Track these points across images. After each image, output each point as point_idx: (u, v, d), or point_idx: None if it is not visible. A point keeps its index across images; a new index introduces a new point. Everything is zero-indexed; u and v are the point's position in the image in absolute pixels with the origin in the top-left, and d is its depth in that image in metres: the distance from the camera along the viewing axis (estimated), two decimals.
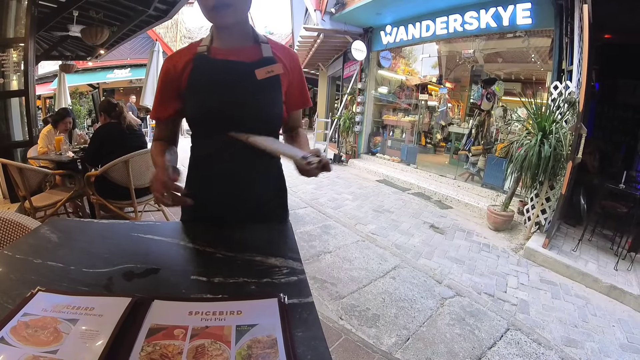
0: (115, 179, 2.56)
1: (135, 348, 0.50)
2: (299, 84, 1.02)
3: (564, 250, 3.15)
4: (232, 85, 0.90)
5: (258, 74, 0.90)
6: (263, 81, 0.91)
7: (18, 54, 3.89)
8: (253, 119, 0.90)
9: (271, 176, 1.06)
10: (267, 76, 0.91)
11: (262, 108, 0.92)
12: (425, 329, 2.06)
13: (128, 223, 1.02)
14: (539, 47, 4.99)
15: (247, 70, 0.90)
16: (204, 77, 0.91)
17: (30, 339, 0.50)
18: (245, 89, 0.90)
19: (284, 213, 1.14)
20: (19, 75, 3.94)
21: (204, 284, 0.68)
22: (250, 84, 0.90)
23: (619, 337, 2.14)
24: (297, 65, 1.01)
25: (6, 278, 0.67)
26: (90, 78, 11.69)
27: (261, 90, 0.91)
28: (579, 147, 3.08)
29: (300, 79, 1.02)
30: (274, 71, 0.92)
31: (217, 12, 0.84)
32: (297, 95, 1.02)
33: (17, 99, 4.04)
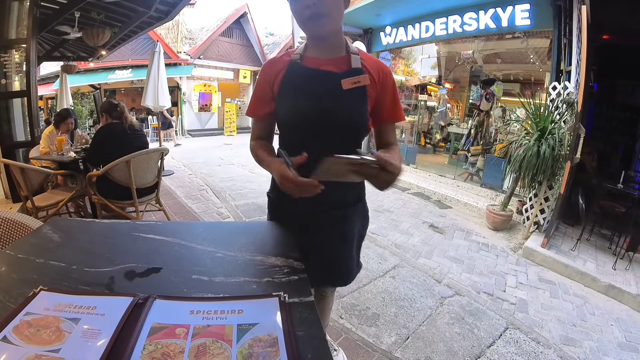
0: (116, 178, 2.57)
1: (137, 347, 0.50)
2: (390, 98, 1.01)
3: (562, 250, 3.16)
4: (318, 94, 0.93)
5: (344, 83, 0.92)
6: (348, 91, 0.92)
7: (20, 55, 3.90)
8: (335, 126, 0.93)
9: (351, 184, 1.01)
10: (352, 86, 0.92)
11: (344, 116, 0.93)
12: (424, 327, 2.07)
13: (129, 223, 1.02)
14: (538, 48, 5.00)
15: (335, 80, 0.93)
16: (294, 84, 0.95)
17: (33, 338, 0.51)
18: (330, 97, 0.92)
19: (364, 221, 1.17)
20: (21, 76, 3.95)
21: (205, 283, 0.69)
22: (335, 92, 0.92)
23: (617, 336, 2.15)
24: (389, 79, 1.00)
25: (8, 277, 0.68)
26: (92, 79, 11.69)
27: (345, 99, 0.92)
28: (577, 147, 3.09)
29: (392, 93, 1.01)
30: (360, 82, 0.93)
31: (312, 22, 0.88)
32: (388, 108, 1.02)
33: (19, 99, 4.05)
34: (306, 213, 1.01)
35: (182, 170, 6.29)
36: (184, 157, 7.66)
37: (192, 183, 5.38)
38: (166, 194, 4.47)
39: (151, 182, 2.83)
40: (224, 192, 4.85)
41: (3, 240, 1.04)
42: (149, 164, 2.70)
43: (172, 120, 10.41)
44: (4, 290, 0.62)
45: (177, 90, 12.03)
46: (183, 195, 4.63)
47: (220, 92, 13.48)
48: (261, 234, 0.97)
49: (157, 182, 2.90)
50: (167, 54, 10.47)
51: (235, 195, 4.72)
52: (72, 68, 6.90)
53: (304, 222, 1.02)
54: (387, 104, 1.00)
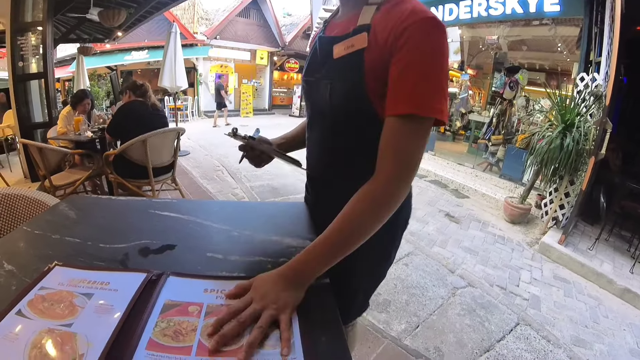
0: (133, 157, 2.61)
1: (149, 323, 0.50)
2: (397, 72, 0.58)
3: (579, 248, 3.07)
4: (312, 68, 0.76)
5: (336, 50, 0.68)
6: (339, 61, 0.67)
7: (36, 38, 3.96)
8: (319, 111, 0.75)
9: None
10: (345, 53, 0.66)
11: (324, 96, 0.70)
12: (435, 317, 2.07)
13: (145, 200, 1.02)
14: (566, 36, 4.76)
15: (329, 47, 0.70)
16: (308, 55, 0.81)
17: (46, 312, 0.51)
18: (314, 70, 0.74)
19: (380, 254, 0.86)
20: (37, 59, 4.03)
21: (219, 262, 0.68)
22: (324, 64, 0.71)
23: (628, 341, 2.09)
24: (405, 38, 0.57)
25: (25, 253, 0.69)
26: (108, 60, 11.79)
27: (330, 72, 0.70)
28: (602, 143, 2.95)
29: (404, 65, 0.58)
30: (354, 46, 0.64)
31: None
32: (390, 89, 0.60)
33: (36, 81, 4.14)
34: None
35: (198, 151, 6.35)
36: (200, 137, 7.70)
37: (207, 163, 5.44)
38: (182, 174, 4.53)
39: (167, 161, 2.88)
40: (239, 173, 4.88)
41: (22, 218, 1.06)
42: (165, 143, 2.74)
43: (226, 100, 10.43)
44: (20, 266, 0.63)
45: (193, 71, 12.02)
46: (199, 175, 4.69)
47: (237, 73, 13.35)
48: (277, 215, 0.95)
49: (174, 162, 2.94)
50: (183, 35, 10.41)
51: (251, 177, 4.75)
52: (88, 50, 6.95)
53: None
54: (390, 85, 0.60)
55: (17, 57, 3.90)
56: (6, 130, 5.07)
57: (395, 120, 0.59)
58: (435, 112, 0.58)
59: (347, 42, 0.65)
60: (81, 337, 0.47)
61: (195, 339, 0.48)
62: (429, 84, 0.57)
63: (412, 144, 0.59)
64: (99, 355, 0.44)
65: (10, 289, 0.57)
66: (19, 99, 3.98)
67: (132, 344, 0.46)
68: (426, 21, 0.56)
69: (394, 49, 0.58)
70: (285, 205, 1.02)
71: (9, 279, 0.60)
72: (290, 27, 14.75)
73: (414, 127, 0.58)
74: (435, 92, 0.57)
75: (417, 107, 0.57)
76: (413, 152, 0.59)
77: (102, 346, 0.45)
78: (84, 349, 0.45)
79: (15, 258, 0.66)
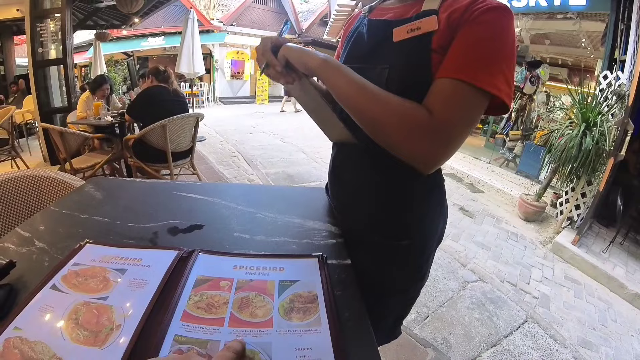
0: (152, 142, 2.66)
1: (183, 296, 0.52)
2: (462, 42, 0.56)
3: (592, 250, 3.02)
4: (356, 54, 0.71)
5: (396, 33, 0.62)
6: (400, 45, 0.62)
7: (55, 24, 4.02)
8: None
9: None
10: (408, 36, 0.61)
11: (375, 82, 0.61)
12: (445, 309, 2.09)
13: (170, 182, 1.04)
14: (591, 32, 4.59)
15: (386, 30, 0.65)
16: (347, 42, 0.75)
17: (80, 286, 0.53)
18: (367, 56, 0.68)
19: (409, 274, 0.79)
20: (56, 45, 4.10)
21: (246, 241, 0.71)
22: (377, 49, 0.67)
23: (635, 347, 2.06)
24: (482, 17, 0.55)
25: (54, 231, 0.70)
26: (125, 46, 11.91)
27: (387, 57, 0.64)
28: (623, 144, 2.87)
29: (470, 37, 0.55)
30: (420, 28, 0.60)
31: None
32: (450, 56, 0.57)
33: (55, 67, 4.22)
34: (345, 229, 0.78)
35: (214, 137, 6.42)
36: (216, 124, 7.77)
37: (224, 150, 5.51)
38: (199, 159, 4.60)
39: (186, 146, 2.92)
40: (255, 160, 4.95)
41: (47, 198, 1.08)
42: (184, 128, 2.78)
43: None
44: (50, 244, 0.65)
45: (209, 57, 12.05)
46: (215, 161, 4.75)
47: (253, 60, 13.33)
48: (299, 199, 0.97)
49: (192, 147, 2.99)
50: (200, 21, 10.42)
51: (266, 164, 4.81)
52: (105, 36, 7.03)
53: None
54: (452, 50, 0.57)
55: (37, 44, 3.97)
56: (26, 115, 5.21)
57: (453, 82, 0.54)
58: (493, 87, 0.54)
59: (412, 24, 0.61)
60: (117, 309, 0.49)
61: (227, 311, 0.51)
62: (495, 61, 0.54)
63: (467, 112, 0.56)
64: (136, 326, 0.46)
65: (43, 264, 0.59)
66: (39, 84, 4.07)
67: (167, 316, 0.48)
68: (503, 8, 0.55)
69: (465, 22, 0.56)
70: (306, 190, 1.04)
71: (41, 255, 0.61)
72: (307, 14, 14.59)
73: (471, 95, 0.54)
74: (499, 72, 0.54)
75: (474, 78, 0.53)
76: (465, 122, 0.56)
77: (139, 317, 0.48)
78: (120, 320, 0.47)
79: (46, 236, 0.67)
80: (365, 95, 0.57)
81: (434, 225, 0.75)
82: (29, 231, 0.69)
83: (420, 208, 0.71)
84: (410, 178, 0.65)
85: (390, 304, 0.79)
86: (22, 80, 6.35)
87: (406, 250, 0.72)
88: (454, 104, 0.55)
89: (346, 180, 0.78)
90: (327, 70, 0.59)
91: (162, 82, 2.82)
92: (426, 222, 0.73)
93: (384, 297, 0.77)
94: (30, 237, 0.67)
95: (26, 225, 0.71)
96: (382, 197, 0.71)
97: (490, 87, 0.54)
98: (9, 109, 3.80)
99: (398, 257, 0.73)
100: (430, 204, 0.73)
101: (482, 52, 0.55)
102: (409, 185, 0.68)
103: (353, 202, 0.77)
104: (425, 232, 0.74)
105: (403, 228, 0.71)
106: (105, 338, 0.44)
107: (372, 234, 0.73)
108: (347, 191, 0.78)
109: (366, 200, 0.73)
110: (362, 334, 0.50)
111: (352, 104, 0.58)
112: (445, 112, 0.54)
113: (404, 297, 0.81)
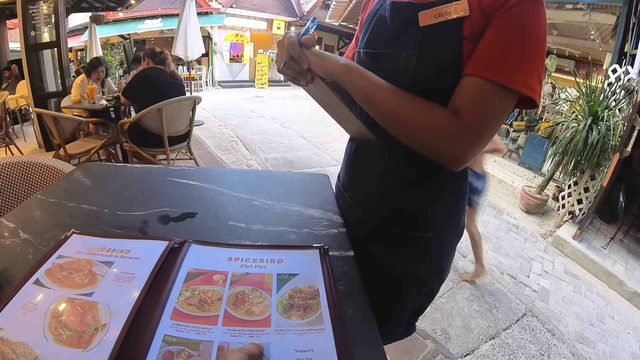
0: (149, 126, 2.59)
1: (173, 292, 0.49)
2: (494, 36, 0.52)
3: (593, 246, 3.01)
4: (379, 38, 0.66)
5: (422, 17, 0.58)
6: (427, 30, 0.58)
7: (48, 7, 3.89)
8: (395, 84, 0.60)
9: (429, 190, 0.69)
10: (435, 21, 0.56)
11: (401, 68, 0.60)
12: (444, 300, 2.09)
13: (162, 168, 1.00)
14: (601, 24, 4.48)
15: (410, 14, 0.60)
16: (368, 23, 0.70)
17: (65, 281, 0.50)
18: (391, 41, 0.63)
19: (430, 269, 0.76)
20: (50, 28, 3.97)
21: (242, 230, 0.67)
22: (401, 34, 0.62)
23: (632, 345, 2.07)
24: (514, 8, 0.51)
25: (40, 221, 0.67)
26: (121, 29, 11.65)
27: (413, 42, 0.59)
28: (629, 140, 2.83)
29: (501, 31, 0.52)
30: (451, 13, 0.55)
31: None
32: (480, 51, 0.53)
33: (49, 51, 4.10)
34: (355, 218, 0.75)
35: (212, 121, 6.32)
36: (214, 108, 7.64)
37: (222, 134, 5.42)
38: (196, 144, 4.54)
39: (183, 130, 2.86)
40: (254, 145, 4.88)
41: (37, 185, 1.04)
42: (181, 112, 2.71)
43: None
44: (35, 234, 0.62)
45: (208, 40, 11.81)
46: (213, 146, 4.68)
47: (253, 43, 13.06)
48: (298, 185, 0.92)
49: (189, 131, 2.92)
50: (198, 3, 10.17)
51: (265, 149, 4.75)
52: (100, 18, 6.86)
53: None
54: (482, 44, 0.53)
55: (29, 27, 3.85)
56: (20, 100, 5.10)
57: (481, 82, 0.52)
58: (527, 88, 0.51)
59: (440, 8, 0.56)
60: (103, 306, 0.46)
61: (222, 308, 0.47)
62: (526, 58, 0.52)
63: (496, 113, 0.53)
64: (122, 325, 0.43)
65: (27, 257, 0.55)
66: (32, 69, 3.96)
67: (156, 314, 0.45)
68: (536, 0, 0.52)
69: (498, 12, 0.52)
70: (306, 175, 0.98)
71: (25, 247, 0.58)
72: None
73: (501, 95, 0.52)
74: (533, 70, 0.52)
75: (506, 79, 0.51)
76: (493, 122, 0.54)
77: (126, 316, 0.44)
78: (106, 318, 0.44)
79: (31, 226, 0.64)
80: (391, 100, 0.56)
81: (457, 218, 0.72)
82: (13, 222, 0.65)
83: (445, 199, 0.68)
84: (436, 169, 0.60)
85: (409, 298, 0.77)
86: (15, 66, 6.18)
87: (429, 242, 0.70)
88: (484, 106, 0.52)
89: (366, 170, 0.74)
90: (349, 75, 0.57)
91: (159, 64, 2.75)
92: (451, 214, 0.71)
93: (403, 291, 0.75)
94: (15, 228, 0.63)
95: (11, 215, 0.68)
96: (406, 188, 0.67)
97: (524, 87, 0.51)
98: (2, 95, 3.72)
99: (420, 250, 0.70)
100: (455, 196, 0.69)
101: (516, 49, 0.51)
102: (435, 176, 0.65)
103: (373, 193, 0.72)
104: (449, 224, 0.71)
105: (427, 220, 0.69)
106: (89, 339, 0.41)
107: (394, 226, 0.69)
108: (366, 181, 0.74)
109: (388, 190, 0.69)
110: (368, 333, 0.47)
111: (377, 109, 0.57)
112: (474, 114, 0.52)
113: (424, 291, 0.79)
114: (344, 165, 0.82)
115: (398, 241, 0.70)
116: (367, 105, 0.58)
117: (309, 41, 0.56)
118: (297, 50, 0.56)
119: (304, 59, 0.56)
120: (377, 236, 0.71)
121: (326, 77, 0.59)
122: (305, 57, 0.56)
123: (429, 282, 0.77)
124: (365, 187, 0.74)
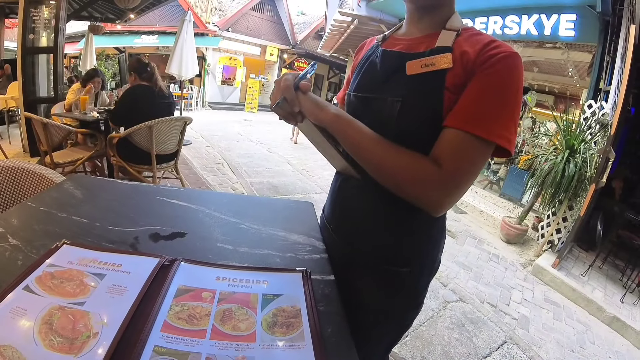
0: (138, 142, 2.56)
1: (164, 306, 0.51)
2: (474, 92, 0.58)
3: (572, 273, 3.09)
4: (368, 83, 0.71)
5: (410, 66, 0.63)
6: (413, 79, 0.63)
7: (49, 11, 3.90)
8: (381, 128, 0.63)
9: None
10: (421, 71, 0.62)
11: (386, 113, 0.65)
12: (424, 328, 2.08)
13: (152, 186, 1.01)
14: (578, 62, 4.80)
15: (399, 62, 0.65)
16: (359, 69, 0.75)
17: (56, 289, 0.50)
18: (379, 87, 0.68)
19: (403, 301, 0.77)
20: (48, 33, 3.96)
21: (230, 252, 0.69)
22: (388, 80, 0.67)
23: None
24: (498, 66, 0.56)
25: (30, 228, 0.66)
26: (118, 41, 11.73)
27: (399, 89, 0.64)
28: (604, 171, 2.98)
29: (482, 87, 0.57)
30: (434, 64, 0.61)
31: None
32: (461, 104, 0.58)
33: (44, 55, 4.07)
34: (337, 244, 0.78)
35: (200, 142, 6.33)
36: (203, 128, 7.68)
37: (209, 155, 5.42)
38: (183, 164, 4.52)
39: (171, 149, 2.82)
40: (240, 168, 4.88)
41: (24, 192, 1.03)
42: (171, 131, 2.69)
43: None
44: (25, 241, 0.62)
45: (202, 60, 12.00)
46: (199, 167, 4.67)
47: (245, 67, 13.33)
48: (283, 211, 0.96)
49: (177, 151, 2.89)
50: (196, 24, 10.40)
51: (251, 172, 4.76)
52: (99, 29, 6.91)
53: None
54: (463, 98, 0.58)
55: (29, 29, 3.84)
56: (9, 101, 5.01)
57: (461, 134, 0.57)
58: (503, 139, 0.56)
59: (426, 60, 0.62)
60: (95, 315, 0.47)
61: (210, 323, 0.49)
62: (504, 112, 0.57)
63: (474, 163, 0.58)
64: (115, 335, 0.44)
65: (16, 263, 0.55)
66: (26, 72, 3.93)
67: (147, 326, 0.47)
68: (513, 56, 0.57)
69: (477, 69, 0.58)
70: (291, 202, 1.02)
71: (14, 253, 0.58)
72: (303, 26, 14.77)
73: (479, 147, 0.57)
74: (510, 120, 0.57)
75: (485, 131, 0.56)
76: (472, 172, 0.58)
77: (117, 326, 0.46)
78: (98, 327, 0.45)
79: (21, 233, 0.64)
80: (376, 150, 0.60)
81: (434, 254, 0.75)
82: (2, 226, 0.65)
83: (422, 236, 0.72)
84: (414, 208, 0.63)
85: (386, 329, 0.79)
86: (8, 65, 6.07)
87: (405, 277, 0.72)
88: (463, 157, 0.57)
89: (348, 205, 0.77)
90: (339, 125, 0.61)
91: (146, 80, 2.58)
92: (427, 250, 0.73)
93: (379, 323, 0.76)
94: (4, 233, 0.63)
95: (0, 219, 0.68)
96: (385, 223, 0.71)
97: (501, 139, 0.56)
98: None
99: (397, 284, 0.72)
100: (433, 233, 0.73)
101: (495, 104, 0.57)
102: (413, 215, 0.67)
103: (354, 227, 0.76)
104: (426, 261, 0.74)
105: (404, 255, 0.71)
106: (81, 346, 0.42)
107: (373, 259, 0.72)
108: (347, 215, 0.77)
109: (369, 225, 0.73)
110: (345, 350, 0.50)
111: (364, 157, 0.61)
112: (455, 164, 0.57)
113: (400, 323, 0.80)
114: (329, 198, 0.86)
115: (376, 275, 0.72)
116: (354, 153, 0.62)
117: (306, 87, 0.60)
118: (292, 93, 0.59)
119: (296, 102, 0.59)
120: (356, 269, 0.73)
121: (317, 123, 0.61)
122: (298, 101, 0.59)
123: (404, 315, 0.78)
124: (347, 221, 0.77)
